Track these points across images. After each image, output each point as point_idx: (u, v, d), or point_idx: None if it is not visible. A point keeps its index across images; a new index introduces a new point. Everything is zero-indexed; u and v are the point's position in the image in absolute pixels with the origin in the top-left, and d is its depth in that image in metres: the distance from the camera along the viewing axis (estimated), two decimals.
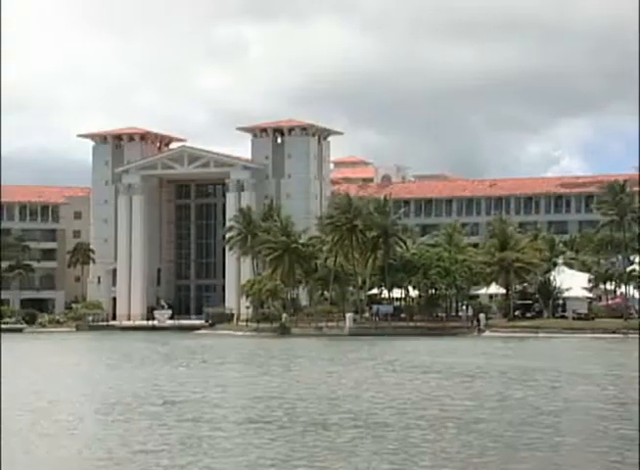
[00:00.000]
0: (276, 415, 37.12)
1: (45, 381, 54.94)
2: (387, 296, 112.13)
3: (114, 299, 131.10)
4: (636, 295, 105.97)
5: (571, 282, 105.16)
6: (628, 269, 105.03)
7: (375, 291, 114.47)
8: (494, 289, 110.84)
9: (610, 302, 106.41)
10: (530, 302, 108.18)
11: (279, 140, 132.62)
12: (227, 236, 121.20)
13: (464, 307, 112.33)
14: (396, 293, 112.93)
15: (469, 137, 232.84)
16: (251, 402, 42.21)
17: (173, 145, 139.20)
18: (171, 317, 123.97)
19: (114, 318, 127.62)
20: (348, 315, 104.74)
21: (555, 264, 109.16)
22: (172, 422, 36.23)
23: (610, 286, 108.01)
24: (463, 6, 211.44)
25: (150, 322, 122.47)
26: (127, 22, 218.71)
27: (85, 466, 28.17)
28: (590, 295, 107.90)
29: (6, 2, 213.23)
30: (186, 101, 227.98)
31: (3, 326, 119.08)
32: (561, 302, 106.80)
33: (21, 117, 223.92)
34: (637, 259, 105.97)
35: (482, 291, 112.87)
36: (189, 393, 46.32)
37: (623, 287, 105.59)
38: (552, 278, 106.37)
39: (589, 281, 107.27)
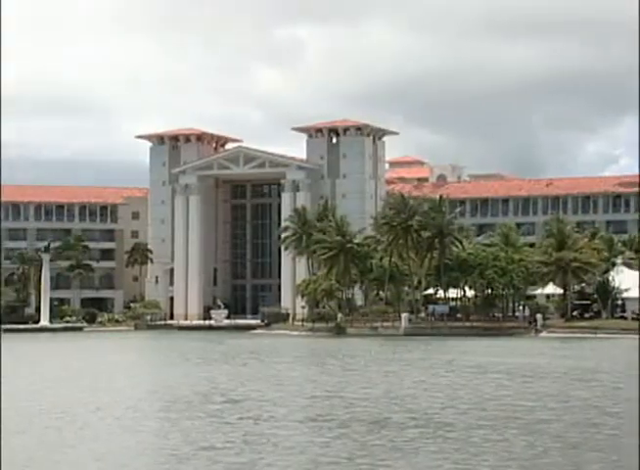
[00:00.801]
0: (336, 414, 37.31)
1: (107, 379, 55.84)
2: (442, 296, 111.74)
3: (172, 298, 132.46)
4: None
5: (631, 282, 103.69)
6: None
7: (430, 291, 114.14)
8: (551, 289, 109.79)
9: None
10: (588, 302, 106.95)
11: (334, 140, 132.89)
12: (282, 236, 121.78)
13: (521, 308, 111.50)
14: (452, 293, 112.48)
15: (526, 136, 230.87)
16: (311, 401, 42.48)
17: (229, 145, 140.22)
18: (228, 317, 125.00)
19: (171, 318, 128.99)
20: (404, 315, 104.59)
21: (614, 264, 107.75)
22: (234, 420, 36.65)
23: None
24: (520, 4, 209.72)
25: (206, 322, 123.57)
26: (185, 23, 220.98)
27: (150, 463, 28.63)
28: None
29: (65, 7, 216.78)
30: (242, 101, 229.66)
31: (64, 325, 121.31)
32: (620, 302, 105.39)
33: (81, 119, 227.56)
34: None
35: (539, 291, 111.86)
36: (249, 391, 46.75)
37: None
38: (610, 278, 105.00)
39: None
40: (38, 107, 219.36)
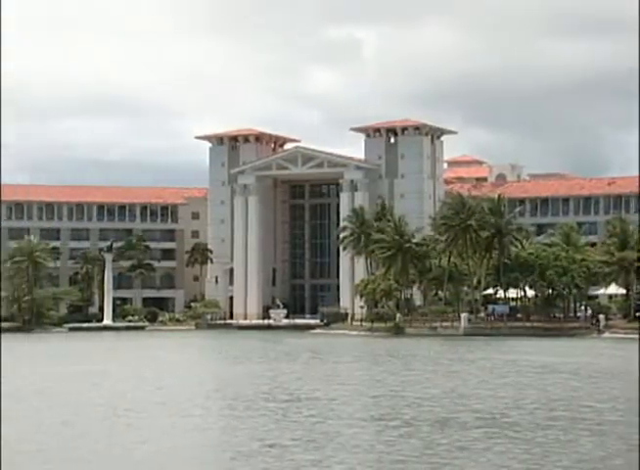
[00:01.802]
0: (400, 413, 37.48)
1: (172, 377, 56.66)
2: (502, 296, 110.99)
3: (231, 298, 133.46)
4: None
5: None
6: None
7: (490, 291, 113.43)
8: (614, 289, 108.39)
9: None
10: None
11: (392, 140, 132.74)
12: (341, 236, 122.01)
13: (582, 308, 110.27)
14: (512, 293, 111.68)
15: (587, 135, 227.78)
16: (375, 400, 42.69)
17: (287, 146, 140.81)
18: (287, 316, 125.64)
19: (230, 317, 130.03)
20: (463, 315, 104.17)
21: None
22: (299, 418, 37.04)
23: None
24: (582, 3, 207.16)
25: (266, 321, 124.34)
26: (243, 24, 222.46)
27: (218, 459, 29.09)
28: None
29: (125, 8, 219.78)
30: (300, 102, 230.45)
31: (127, 324, 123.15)
32: None
33: (142, 120, 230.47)
34: None
35: (601, 291, 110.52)
36: (312, 390, 47.12)
37: None
38: None
39: None
40: (101, 108, 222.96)
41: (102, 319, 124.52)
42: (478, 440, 30.64)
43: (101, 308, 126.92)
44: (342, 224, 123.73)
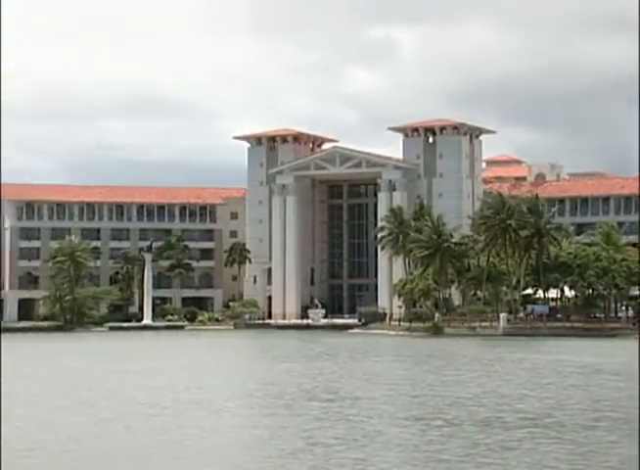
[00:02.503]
0: (444, 413, 37.52)
1: (215, 376, 57.13)
2: (541, 296, 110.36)
3: (270, 297, 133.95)
4: None
5: None
6: None
7: (529, 291, 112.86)
8: None
9: None
10: None
11: (430, 139, 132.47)
12: (379, 236, 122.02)
13: (623, 308, 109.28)
14: (552, 293, 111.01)
15: (627, 134, 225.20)
16: (417, 400, 42.74)
17: (326, 146, 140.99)
18: (325, 316, 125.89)
19: (269, 317, 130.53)
20: (502, 315, 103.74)
21: None
22: (342, 416, 37.24)
23: None
24: (619, 1, 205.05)
25: (304, 321, 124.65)
26: (281, 24, 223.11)
27: (264, 457, 29.34)
28: None
29: (164, 9, 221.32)
30: (338, 102, 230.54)
31: (166, 323, 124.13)
32: None
33: (181, 120, 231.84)
34: None
35: None
36: (353, 389, 47.31)
37: None
38: None
39: None
40: (141, 109, 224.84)
41: (142, 319, 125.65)
42: (522, 440, 30.61)
43: (141, 308, 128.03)
44: (379, 224, 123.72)
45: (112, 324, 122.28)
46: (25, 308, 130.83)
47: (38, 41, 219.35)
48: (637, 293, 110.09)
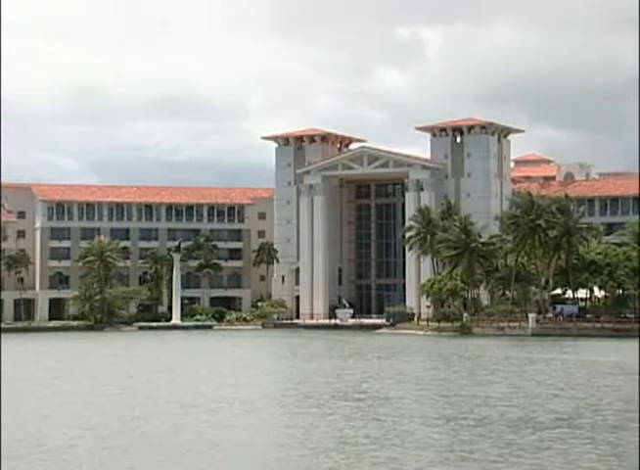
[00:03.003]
0: (476, 413, 37.52)
1: (246, 375, 57.39)
2: (571, 296, 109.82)
3: (298, 297, 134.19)
4: None
5: None
6: None
7: (558, 291, 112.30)
8: None
9: None
10: None
11: (458, 139, 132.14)
12: (407, 235, 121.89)
13: None
14: (581, 293, 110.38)
15: None
16: (448, 400, 42.76)
17: (353, 146, 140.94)
18: (353, 316, 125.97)
19: (297, 316, 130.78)
20: (531, 316, 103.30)
21: None
22: (373, 416, 37.38)
23: None
24: None
25: (332, 321, 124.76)
26: (308, 24, 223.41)
27: (298, 455, 29.53)
28: None
29: (194, 10, 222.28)
30: (366, 102, 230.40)
31: (195, 323, 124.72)
32: None
33: (209, 121, 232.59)
34: None
35: None
36: (383, 388, 47.42)
37: None
38: None
39: None
40: (169, 109, 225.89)
41: (170, 318, 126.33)
42: (556, 440, 30.56)
43: (169, 308, 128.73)
44: (407, 224, 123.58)
45: (141, 324, 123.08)
46: (56, 308, 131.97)
47: (71, 41, 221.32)
48: None
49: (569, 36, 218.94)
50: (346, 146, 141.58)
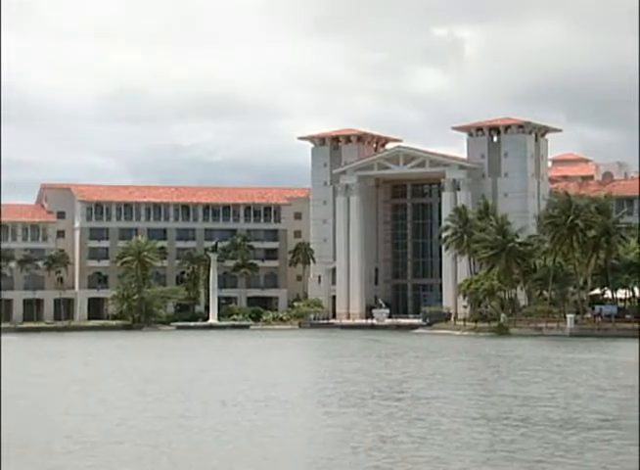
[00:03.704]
0: (517, 413, 37.42)
1: (286, 374, 57.65)
2: (610, 296, 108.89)
3: (334, 297, 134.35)
4: None
5: None
6: None
7: (597, 291, 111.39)
8: None
9: None
10: None
11: (495, 139, 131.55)
12: (443, 235, 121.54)
13: None
14: (620, 293, 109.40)
15: None
16: (488, 400, 42.67)
17: (389, 145, 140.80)
18: (389, 316, 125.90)
19: (333, 316, 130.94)
20: (569, 316, 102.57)
21: None
22: (413, 415, 37.42)
23: None
24: None
25: (368, 321, 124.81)
26: (344, 24, 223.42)
27: (339, 455, 29.63)
28: None
29: (229, 11, 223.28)
30: (402, 101, 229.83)
31: (232, 323, 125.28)
32: None
33: (246, 121, 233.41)
34: None
35: None
36: (423, 388, 47.42)
37: None
38: None
39: None
40: (206, 110, 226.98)
41: (207, 318, 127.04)
42: (601, 441, 30.41)
43: (207, 307, 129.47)
44: (444, 224, 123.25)
45: (178, 323, 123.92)
46: (95, 307, 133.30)
47: (111, 42, 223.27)
48: None
49: (607, 35, 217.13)
50: (382, 146, 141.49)
